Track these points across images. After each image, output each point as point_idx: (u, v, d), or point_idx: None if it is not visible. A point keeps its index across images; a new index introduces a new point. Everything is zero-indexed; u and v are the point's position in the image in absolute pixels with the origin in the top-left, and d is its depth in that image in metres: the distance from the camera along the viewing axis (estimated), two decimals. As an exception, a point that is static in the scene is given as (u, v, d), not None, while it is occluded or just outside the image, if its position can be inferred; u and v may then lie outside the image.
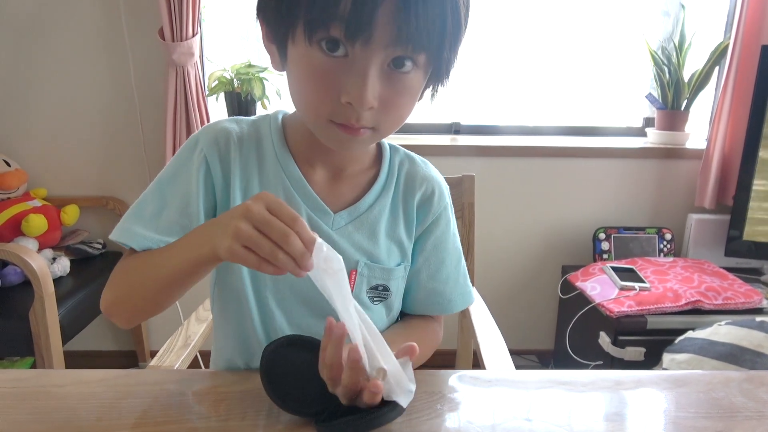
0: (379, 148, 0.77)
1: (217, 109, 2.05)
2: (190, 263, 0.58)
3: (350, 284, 0.72)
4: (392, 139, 0.79)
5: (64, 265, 1.77)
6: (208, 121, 1.89)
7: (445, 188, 0.79)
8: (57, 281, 1.72)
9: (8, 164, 1.88)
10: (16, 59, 1.91)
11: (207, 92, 1.91)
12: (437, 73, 0.61)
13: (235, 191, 0.69)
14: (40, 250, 1.81)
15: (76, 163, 2.00)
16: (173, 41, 1.78)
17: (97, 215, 2.03)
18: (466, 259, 1.22)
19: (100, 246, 1.96)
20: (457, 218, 1.21)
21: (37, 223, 1.77)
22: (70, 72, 1.92)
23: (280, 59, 0.63)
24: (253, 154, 0.71)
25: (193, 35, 1.79)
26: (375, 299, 0.74)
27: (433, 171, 0.79)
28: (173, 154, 1.79)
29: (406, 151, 0.79)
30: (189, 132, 1.86)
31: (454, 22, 0.57)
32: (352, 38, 0.54)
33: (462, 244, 1.21)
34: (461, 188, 1.20)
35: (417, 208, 0.75)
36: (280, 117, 0.74)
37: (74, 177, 2.01)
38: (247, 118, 0.75)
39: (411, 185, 0.76)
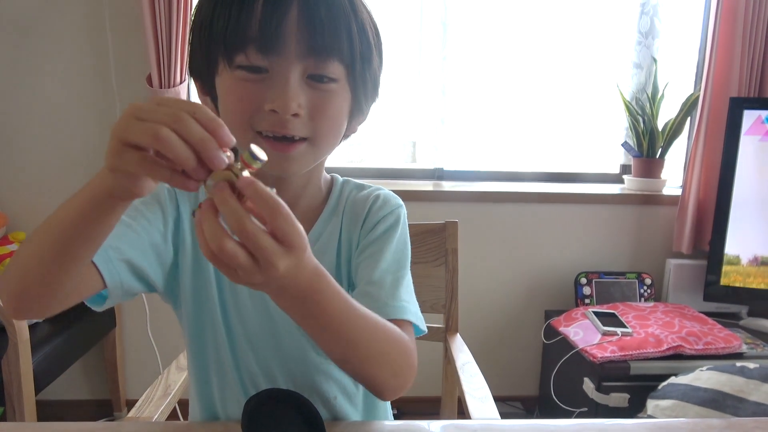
0: (332, 182, 0.79)
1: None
2: (84, 201, 0.51)
3: None
4: (377, 185, 0.80)
5: (40, 310, 1.73)
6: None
7: (391, 200, 0.77)
8: (32, 327, 1.68)
9: (-12, 208, 1.86)
10: (2, 101, 1.92)
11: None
12: (359, 88, 0.66)
13: (183, 227, 0.71)
14: (16, 295, 1.77)
15: (57, 205, 1.98)
16: (161, 87, 1.80)
17: (76, 259, 2.00)
18: (450, 305, 1.23)
19: (78, 291, 1.92)
20: (440, 264, 1.22)
21: (15, 267, 1.73)
22: (58, 116, 1.93)
23: (214, 106, 0.67)
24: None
25: (181, 82, 1.82)
26: None
27: (381, 190, 0.78)
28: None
29: (360, 182, 0.80)
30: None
31: (363, 39, 0.63)
32: (266, 53, 0.59)
33: (446, 290, 1.23)
34: (445, 234, 1.21)
35: (362, 226, 0.75)
36: None
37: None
38: None
39: (358, 209, 0.75)
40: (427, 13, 2.02)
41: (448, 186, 2.12)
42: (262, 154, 0.43)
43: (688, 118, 2.03)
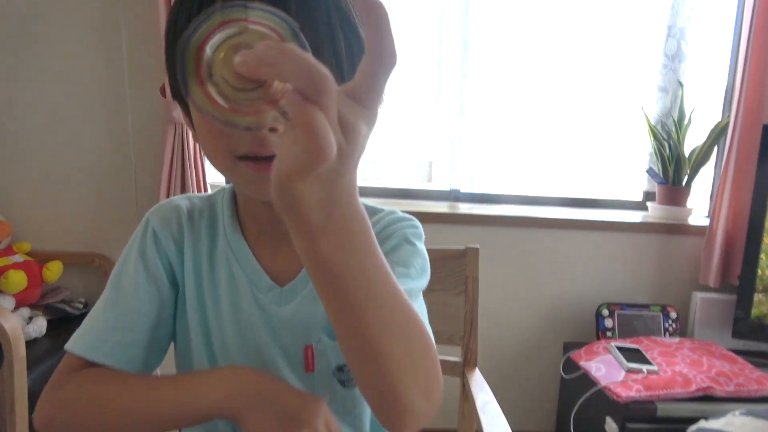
0: None
1: (214, 169, 2.01)
2: (193, 409, 0.54)
3: (308, 364, 0.64)
4: (390, 206, 0.73)
5: (40, 325, 1.67)
6: (204, 181, 1.86)
7: (403, 217, 0.68)
8: (31, 343, 1.62)
9: (-7, 217, 1.82)
10: (10, 106, 1.88)
11: (204, 151, 1.89)
12: None
13: (187, 271, 0.65)
14: (16, 308, 1.72)
15: (64, 217, 1.94)
16: (174, 98, 1.76)
17: (81, 273, 1.95)
18: (469, 337, 1.15)
19: (81, 306, 1.87)
20: (459, 293, 1.15)
21: (16, 279, 1.68)
22: (66, 123, 1.89)
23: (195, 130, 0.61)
24: (205, 230, 0.67)
25: (194, 94, 1.78)
26: (346, 382, 0.65)
27: (392, 213, 0.68)
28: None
29: (373, 204, 0.70)
30: (184, 191, 1.82)
31: (349, 33, 0.55)
32: None
33: (465, 321, 1.15)
34: (464, 261, 1.14)
35: None
36: (232, 187, 0.69)
37: (61, 231, 1.95)
38: (201, 194, 0.72)
39: None
40: (447, 30, 1.97)
41: (464, 208, 2.05)
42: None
43: (716, 145, 1.95)
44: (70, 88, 1.88)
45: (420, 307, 0.62)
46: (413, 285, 0.61)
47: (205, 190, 1.88)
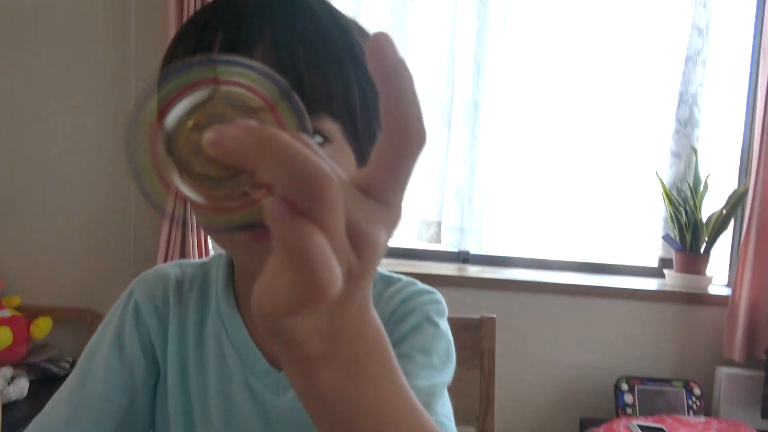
0: None
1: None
2: None
3: None
4: (394, 267, 0.66)
5: (21, 387, 1.57)
6: (205, 238, 1.80)
7: (424, 291, 0.60)
8: (10, 405, 1.52)
9: (-17, 269, 1.75)
10: (6, 153, 1.85)
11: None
12: (366, 146, 0.49)
13: (171, 352, 0.57)
14: (-2, 367, 1.62)
15: (57, 270, 1.87)
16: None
17: (71, 329, 1.86)
18: (485, 416, 1.05)
19: (67, 366, 1.77)
20: (474, 367, 1.06)
21: (1, 336, 1.59)
22: (65, 174, 1.86)
23: None
24: (194, 303, 0.59)
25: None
26: None
27: (413, 287, 0.60)
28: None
29: (388, 273, 0.61)
30: (184, 249, 1.75)
31: (364, 81, 0.47)
32: None
33: (481, 398, 1.06)
34: (480, 332, 1.06)
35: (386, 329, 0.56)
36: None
37: (53, 285, 1.87)
38: (194, 261, 0.64)
39: (383, 310, 0.57)
40: (458, 90, 1.96)
41: (473, 271, 1.98)
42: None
43: (735, 212, 1.90)
44: (70, 140, 1.86)
45: (445, 409, 0.52)
46: (437, 379, 0.52)
47: (206, 242, 1.81)
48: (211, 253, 1.83)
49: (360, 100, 0.48)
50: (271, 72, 0.27)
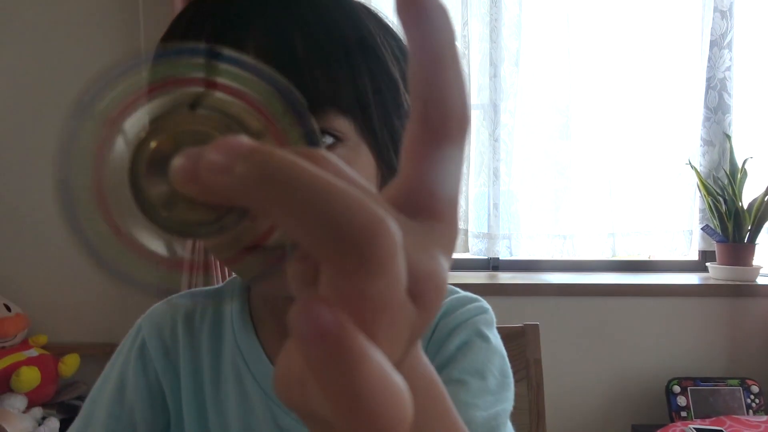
0: None
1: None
2: None
3: None
4: None
5: (52, 427, 1.54)
6: (229, 269, 1.76)
7: (467, 301, 0.54)
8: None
9: (8, 308, 1.73)
10: (29, 192, 1.85)
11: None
12: (385, 143, 0.43)
13: (185, 389, 0.53)
14: (29, 407, 1.60)
15: (83, 306, 1.85)
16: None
17: (99, 365, 1.79)
18: (536, 430, 0.98)
19: (97, 402, 1.74)
20: (520, 379, 0.99)
21: (29, 377, 1.57)
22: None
23: None
24: (207, 332, 0.54)
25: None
26: None
27: (455, 295, 0.55)
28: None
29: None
30: (207, 276, 1.71)
31: (377, 70, 0.42)
32: None
33: (531, 413, 0.99)
34: (524, 340, 1.00)
35: (427, 347, 0.51)
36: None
37: (79, 321, 1.85)
38: (208, 288, 0.60)
39: (430, 340, 0.50)
40: (476, 93, 1.91)
41: (505, 277, 1.91)
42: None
43: (779, 197, 1.80)
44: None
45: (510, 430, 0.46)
46: (498, 407, 0.46)
47: (229, 272, 1.78)
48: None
49: (373, 93, 0.42)
50: (270, 72, 0.20)
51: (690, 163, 1.87)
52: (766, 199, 1.78)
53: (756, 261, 1.82)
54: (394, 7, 0.19)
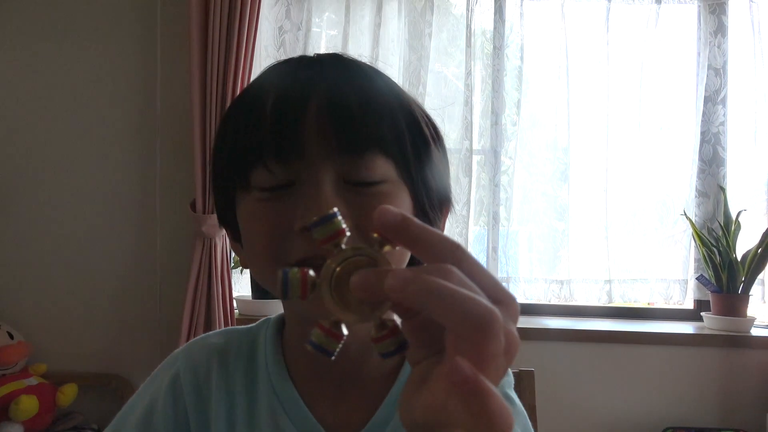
0: None
1: (242, 283, 1.95)
2: None
3: None
4: None
5: (47, 457, 1.54)
6: (230, 296, 1.79)
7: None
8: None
9: (11, 336, 1.75)
10: (34, 221, 1.89)
11: (233, 264, 1.84)
12: (420, 188, 0.51)
13: (218, 421, 0.54)
14: (25, 437, 1.60)
15: (83, 335, 1.87)
16: (204, 213, 1.74)
17: (96, 395, 1.84)
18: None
19: (93, 433, 1.74)
20: (515, 424, 1.01)
21: (28, 406, 1.58)
22: (91, 239, 1.88)
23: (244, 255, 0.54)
24: (241, 370, 0.56)
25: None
26: None
27: None
28: (188, 333, 1.63)
29: None
30: (209, 315, 1.74)
31: (412, 126, 0.50)
32: (285, 161, 0.46)
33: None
34: (518, 387, 1.01)
35: None
36: (278, 320, 0.59)
37: (79, 351, 1.87)
38: (243, 327, 0.61)
39: None
40: (477, 140, 1.97)
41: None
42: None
43: (771, 250, 1.84)
44: (96, 206, 1.89)
45: None
46: None
47: (231, 305, 1.80)
48: (236, 317, 1.81)
49: (408, 137, 0.50)
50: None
51: (685, 214, 1.92)
52: (759, 251, 1.82)
53: (750, 312, 1.85)
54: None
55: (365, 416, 0.53)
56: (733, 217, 1.87)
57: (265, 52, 1.93)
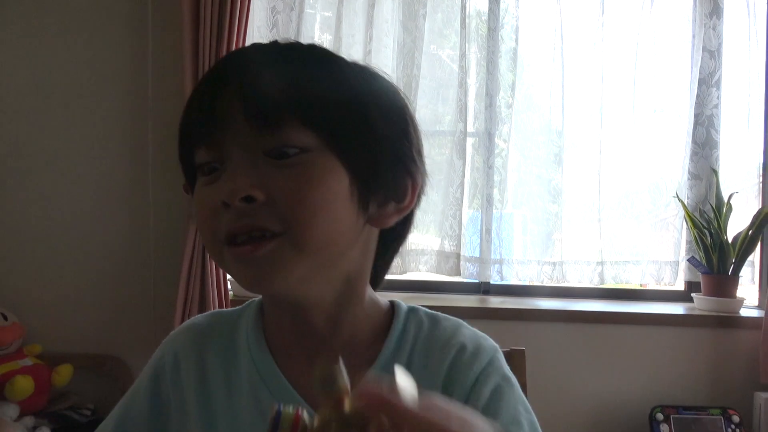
0: (391, 314, 0.59)
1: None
2: None
3: None
4: (414, 301, 0.65)
5: (43, 437, 1.55)
6: (225, 279, 1.79)
7: (484, 351, 0.58)
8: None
9: (5, 317, 1.75)
10: (32, 207, 1.88)
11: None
12: (356, 155, 0.50)
13: (188, 390, 0.57)
14: (20, 416, 1.61)
15: (78, 317, 1.87)
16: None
17: (92, 376, 1.85)
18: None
19: (89, 413, 1.75)
20: (505, 401, 1.02)
21: (23, 386, 1.59)
22: (85, 220, 1.88)
23: None
24: (220, 346, 0.58)
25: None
26: None
27: (462, 334, 0.58)
28: (183, 314, 1.64)
29: (433, 313, 0.61)
30: (203, 294, 1.74)
31: (337, 88, 0.50)
32: (210, 144, 0.48)
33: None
34: (509, 366, 1.02)
35: (442, 386, 0.55)
36: (261, 300, 0.61)
37: (74, 332, 1.87)
38: (232, 309, 0.63)
39: (429, 356, 0.56)
40: (471, 122, 1.97)
41: (495, 302, 1.94)
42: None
43: (762, 231, 1.85)
44: (90, 186, 1.88)
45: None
46: None
47: (225, 285, 1.81)
48: (231, 296, 1.82)
49: (332, 101, 0.50)
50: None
51: (677, 196, 1.93)
52: (750, 233, 1.83)
53: (739, 293, 1.87)
54: None
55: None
56: (725, 199, 1.89)
57: (258, 33, 1.91)
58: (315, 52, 0.52)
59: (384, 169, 0.52)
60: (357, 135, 0.50)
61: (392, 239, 0.59)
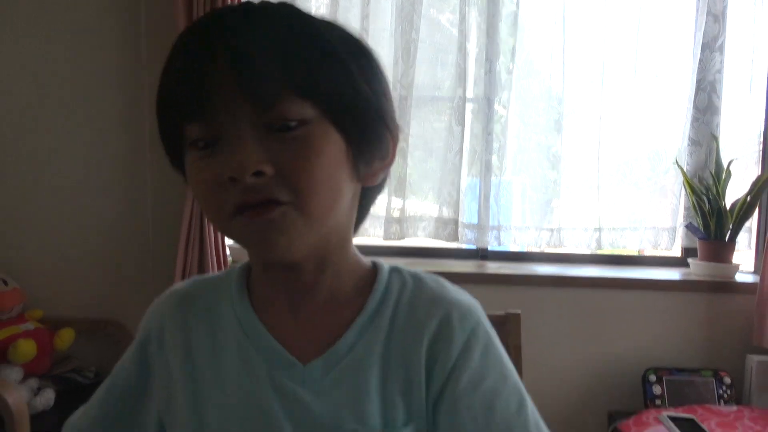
0: (374, 272, 0.59)
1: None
2: None
3: None
4: (412, 266, 0.65)
5: (47, 398, 1.58)
6: (223, 242, 1.80)
7: (474, 311, 0.57)
8: (37, 416, 1.53)
9: (5, 282, 1.76)
10: (30, 173, 1.88)
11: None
12: (349, 123, 0.51)
13: (171, 350, 0.59)
14: (24, 379, 1.63)
15: (79, 282, 1.89)
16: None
17: (93, 340, 1.87)
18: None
19: (91, 375, 1.78)
20: (501, 362, 1.04)
21: (26, 349, 1.61)
22: (84, 185, 1.88)
23: None
24: (206, 308, 0.59)
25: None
26: None
27: (450, 292, 0.58)
28: (182, 279, 1.67)
29: (415, 271, 0.60)
30: (202, 259, 1.75)
31: (329, 61, 0.49)
32: (206, 119, 0.48)
33: (509, 395, 1.04)
34: (505, 328, 1.04)
35: (429, 341, 0.54)
36: (247, 263, 0.62)
37: (74, 297, 1.89)
38: (213, 274, 0.65)
39: (415, 312, 0.56)
40: (470, 88, 1.95)
41: (492, 267, 1.96)
42: None
43: (760, 198, 1.86)
44: (88, 152, 1.88)
45: (518, 394, 0.55)
46: (523, 396, 0.55)
47: (224, 250, 1.82)
48: (230, 261, 1.83)
49: (327, 74, 0.50)
50: None
51: (677, 162, 1.92)
52: (748, 199, 1.83)
53: (735, 259, 1.88)
54: None
55: (332, 341, 0.55)
56: (725, 166, 1.88)
57: None
58: (294, 14, 0.51)
59: (371, 130, 0.53)
60: (349, 101, 0.51)
61: (373, 191, 0.60)
